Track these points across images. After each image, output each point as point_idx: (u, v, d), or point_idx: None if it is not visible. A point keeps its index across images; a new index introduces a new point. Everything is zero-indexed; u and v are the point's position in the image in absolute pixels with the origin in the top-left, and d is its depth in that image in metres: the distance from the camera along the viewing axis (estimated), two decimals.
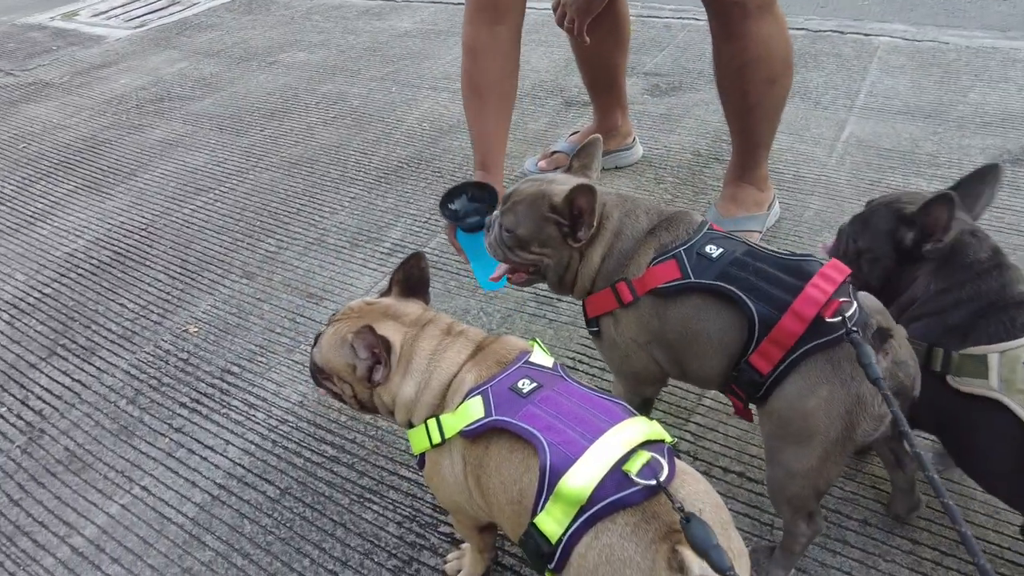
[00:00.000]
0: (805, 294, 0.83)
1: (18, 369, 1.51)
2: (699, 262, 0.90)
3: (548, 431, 0.72)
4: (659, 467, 0.67)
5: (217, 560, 1.09)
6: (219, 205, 2.03)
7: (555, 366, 0.83)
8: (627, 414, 0.75)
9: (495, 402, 0.77)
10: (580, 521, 0.66)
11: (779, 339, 0.84)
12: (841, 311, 0.80)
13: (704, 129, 2.16)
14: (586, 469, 0.67)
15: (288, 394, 1.37)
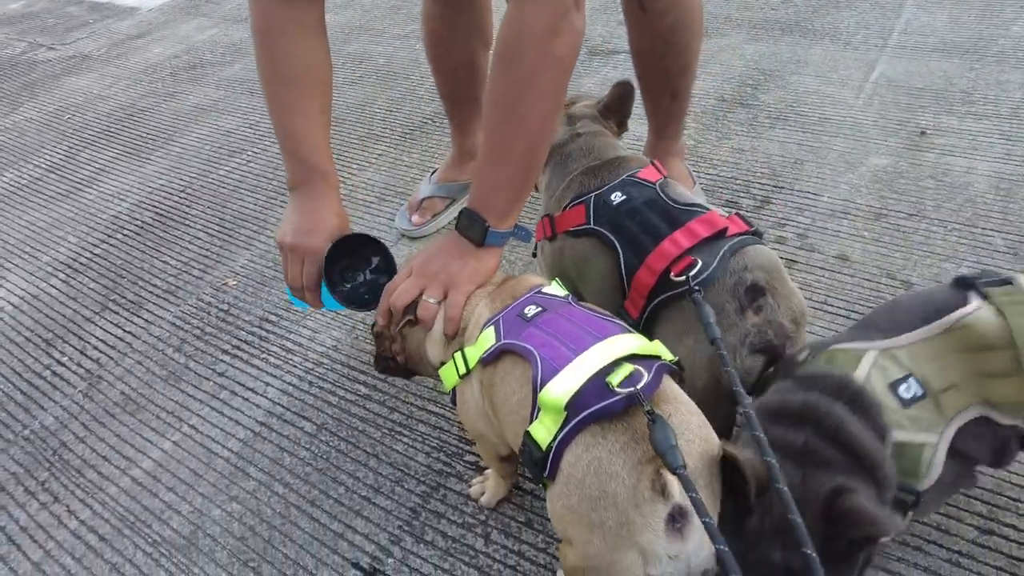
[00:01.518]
0: (659, 248, 0.89)
1: (75, 323, 1.62)
2: (601, 208, 0.97)
3: (542, 347, 0.75)
4: (639, 378, 0.68)
5: (260, 489, 1.17)
6: (252, 165, 2.10)
7: (568, 296, 0.86)
8: (621, 331, 0.76)
9: (504, 328, 0.81)
10: (567, 429, 0.68)
11: (637, 288, 0.90)
12: (687, 269, 0.84)
13: (729, 74, 2.13)
14: (566, 378, 0.69)
15: (323, 339, 1.44)
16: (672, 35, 1.34)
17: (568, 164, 1.09)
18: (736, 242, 0.87)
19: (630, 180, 0.99)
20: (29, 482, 1.27)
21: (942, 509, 0.99)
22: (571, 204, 1.02)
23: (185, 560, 1.09)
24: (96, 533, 1.16)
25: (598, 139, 1.11)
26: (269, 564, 1.06)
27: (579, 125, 1.13)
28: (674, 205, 0.94)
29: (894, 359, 0.73)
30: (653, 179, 0.99)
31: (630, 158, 1.06)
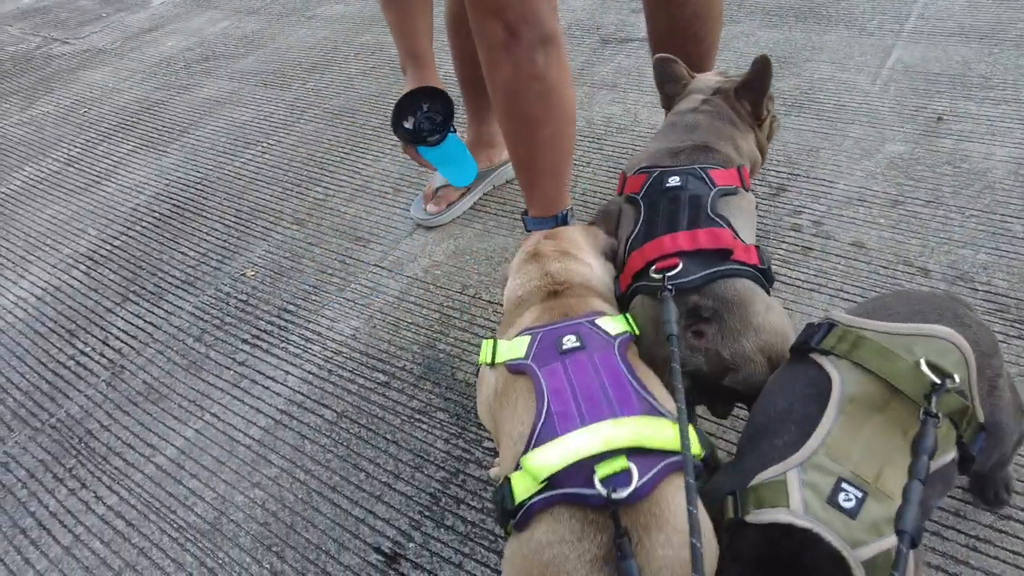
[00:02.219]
0: (658, 240, 0.89)
1: (97, 314, 1.65)
2: (655, 185, 0.98)
3: (556, 396, 0.69)
4: (626, 481, 0.60)
5: (282, 475, 1.20)
6: (267, 157, 2.12)
7: (617, 337, 0.78)
8: (644, 410, 0.68)
9: (537, 349, 0.77)
10: (541, 497, 0.63)
11: (629, 267, 0.92)
12: (668, 268, 0.85)
13: (744, 62, 2.11)
14: (554, 452, 0.64)
15: (341, 328, 1.46)
16: (691, 24, 1.33)
17: (669, 133, 1.08)
18: (728, 269, 0.85)
19: (697, 172, 0.97)
20: (57, 469, 1.30)
21: (958, 495, 1.00)
22: (640, 171, 1.03)
23: (210, 545, 1.11)
24: (123, 518, 1.19)
25: (714, 121, 1.07)
26: (292, 549, 1.08)
27: (711, 100, 1.10)
28: (708, 212, 0.91)
29: (817, 467, 0.64)
30: (718, 182, 0.96)
31: (718, 152, 1.02)
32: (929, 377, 0.66)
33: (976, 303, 1.25)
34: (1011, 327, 1.20)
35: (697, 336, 0.82)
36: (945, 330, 0.71)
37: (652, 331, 0.85)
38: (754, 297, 0.85)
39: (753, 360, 0.81)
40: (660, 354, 0.82)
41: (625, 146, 1.83)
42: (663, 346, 0.79)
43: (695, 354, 0.82)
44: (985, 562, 0.92)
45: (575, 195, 1.70)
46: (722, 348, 0.82)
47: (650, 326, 0.85)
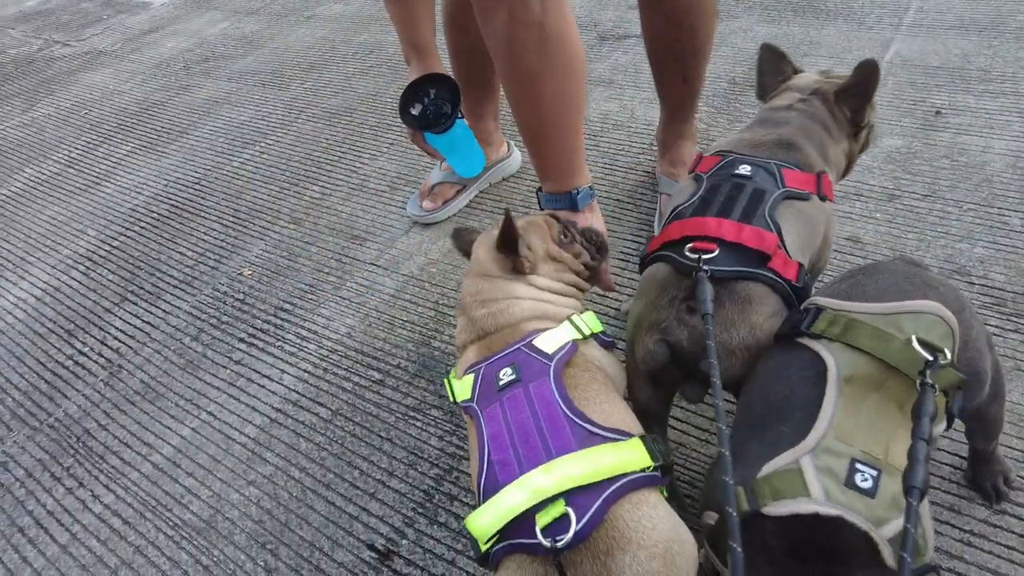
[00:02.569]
0: (703, 219, 0.87)
1: (95, 314, 1.65)
2: (724, 168, 0.96)
3: (494, 441, 0.70)
4: (565, 528, 0.60)
5: (277, 473, 1.20)
6: (265, 157, 2.12)
7: (554, 355, 0.78)
8: (580, 441, 0.67)
9: (480, 387, 0.78)
10: (499, 547, 0.65)
11: (665, 233, 0.90)
12: (704, 250, 0.82)
13: (741, 57, 2.11)
14: (488, 515, 0.65)
15: (337, 327, 1.46)
16: (684, 16, 1.33)
17: (757, 127, 1.04)
18: (758, 273, 0.82)
19: (771, 167, 0.93)
20: (55, 468, 1.30)
21: (953, 489, 0.99)
22: (716, 153, 1.01)
23: (205, 543, 1.12)
24: (120, 517, 1.19)
25: (806, 121, 1.02)
26: (286, 546, 1.09)
27: (808, 100, 1.04)
28: (764, 211, 0.87)
29: (829, 451, 0.64)
30: (789, 183, 0.92)
31: (800, 153, 0.97)
32: (922, 355, 0.67)
33: (973, 297, 1.25)
34: (1007, 320, 1.20)
35: (690, 312, 0.82)
36: (930, 304, 0.72)
37: (654, 295, 0.85)
38: (765, 300, 0.82)
39: (735, 354, 0.80)
40: (650, 318, 0.83)
41: (621, 143, 1.83)
42: (656, 311, 0.82)
43: (681, 327, 0.81)
44: (980, 557, 0.91)
45: None
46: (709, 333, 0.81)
47: (655, 291, 0.85)
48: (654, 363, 0.83)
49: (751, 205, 0.88)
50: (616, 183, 1.69)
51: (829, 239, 0.99)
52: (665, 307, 0.82)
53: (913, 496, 0.56)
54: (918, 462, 0.57)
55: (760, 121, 1.06)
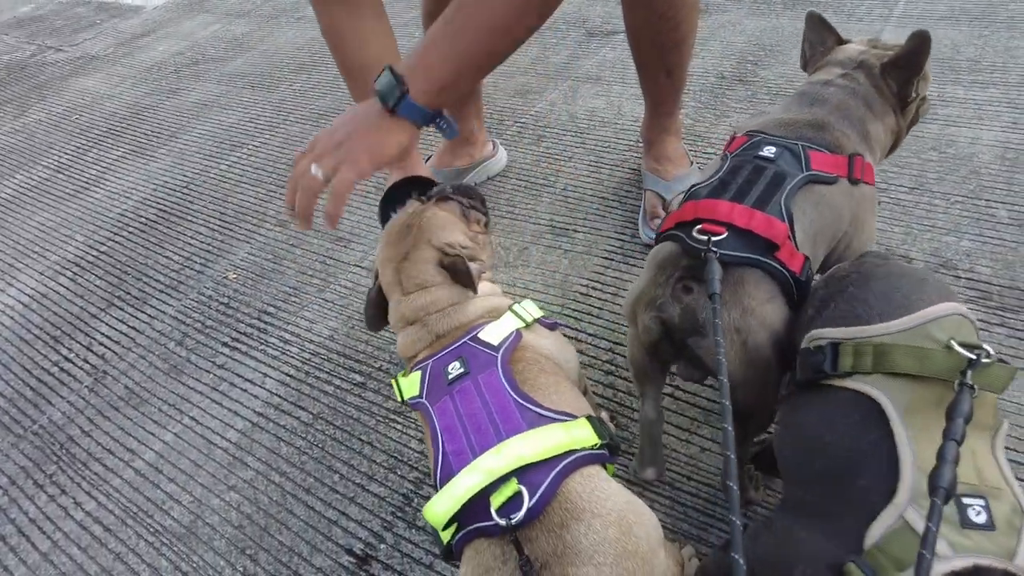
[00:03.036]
0: (716, 201, 0.86)
1: (82, 320, 1.65)
2: (748, 149, 0.93)
3: (447, 433, 0.71)
4: (518, 506, 0.62)
5: (258, 478, 1.19)
6: (253, 159, 2.11)
7: (500, 345, 0.78)
8: (529, 422, 0.68)
9: (428, 384, 0.78)
10: (459, 537, 0.66)
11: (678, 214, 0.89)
12: (708, 232, 0.82)
13: (729, 51, 2.09)
14: (443, 501, 0.65)
15: (320, 330, 1.46)
16: (666, 8, 1.31)
17: (792, 104, 1.00)
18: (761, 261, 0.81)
19: (796, 149, 0.90)
20: (38, 475, 1.30)
21: None
22: (747, 133, 0.98)
23: (185, 549, 1.11)
24: (101, 524, 1.19)
25: (846, 98, 0.97)
26: (265, 551, 1.08)
27: (851, 75, 1.00)
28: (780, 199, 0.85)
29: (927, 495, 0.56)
30: (814, 165, 0.88)
31: (832, 133, 0.93)
32: (965, 355, 0.63)
33: (959, 290, 1.23)
34: (993, 314, 1.18)
35: (684, 291, 0.82)
36: (950, 305, 0.69)
37: (654, 273, 0.86)
38: (760, 284, 0.81)
39: (724, 335, 0.78)
40: (649, 294, 0.85)
41: (608, 139, 1.82)
42: (655, 288, 0.84)
43: (673, 304, 0.82)
44: None
45: (556, 189, 1.68)
46: (700, 310, 0.80)
47: (655, 268, 0.86)
48: (649, 338, 0.85)
49: (768, 190, 0.86)
50: (602, 180, 1.68)
51: (864, 224, 0.95)
52: (663, 284, 0.83)
53: (939, 496, 0.53)
54: (946, 463, 0.54)
55: (799, 96, 1.02)
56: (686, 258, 0.84)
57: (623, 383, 1.21)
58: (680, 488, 1.04)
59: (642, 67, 1.44)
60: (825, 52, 1.09)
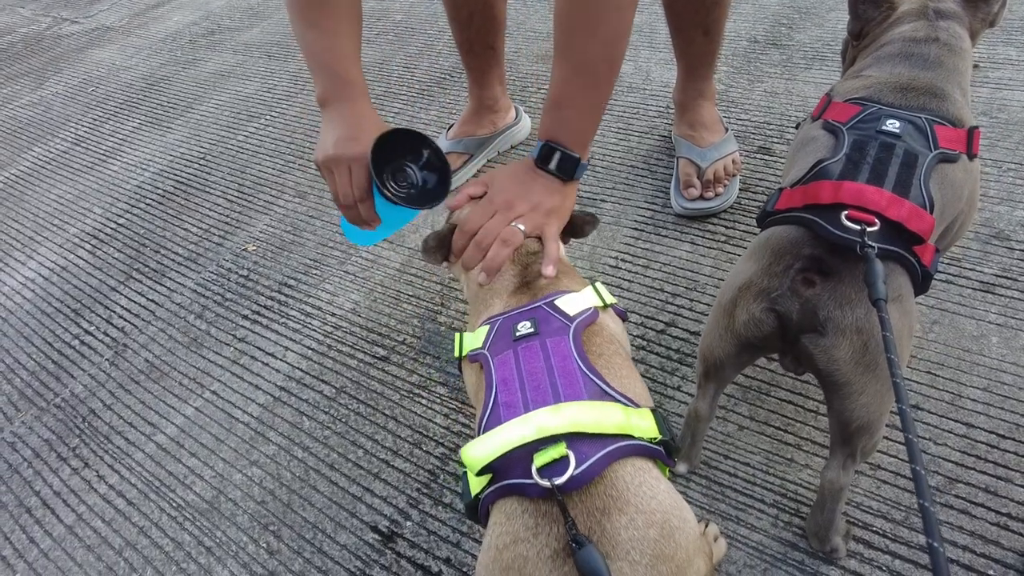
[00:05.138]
0: (858, 187, 0.75)
1: (101, 292, 1.64)
2: (867, 122, 0.84)
3: (504, 385, 0.67)
4: (563, 469, 0.58)
5: (280, 453, 1.17)
6: (270, 130, 2.07)
7: (576, 318, 0.74)
8: (591, 394, 0.64)
9: (494, 337, 0.74)
10: (490, 490, 0.62)
11: (803, 194, 0.79)
12: (865, 223, 0.72)
13: (762, 14, 2.00)
14: (486, 444, 0.62)
15: (341, 302, 1.42)
16: None
17: (897, 63, 0.91)
18: (899, 254, 0.73)
19: (921, 123, 0.82)
20: (61, 448, 1.29)
21: (989, 469, 0.93)
22: (851, 100, 0.90)
23: (208, 524, 1.10)
24: (124, 497, 1.18)
25: (954, 59, 0.90)
26: (288, 528, 1.06)
27: (940, 27, 0.93)
28: (920, 182, 0.77)
29: None
30: (942, 143, 0.81)
31: (952, 103, 0.86)
32: None
33: (1012, 263, 1.16)
34: None
35: (806, 284, 0.74)
36: None
37: (767, 260, 0.77)
38: (891, 281, 0.73)
39: (844, 335, 0.72)
40: (760, 284, 0.76)
41: (636, 105, 1.75)
42: (768, 278, 0.76)
43: (792, 298, 0.74)
44: (1018, 542, 0.85)
45: None
46: (821, 307, 0.72)
47: (768, 255, 0.78)
48: (756, 331, 0.77)
49: (904, 172, 0.78)
50: (631, 148, 1.62)
51: (974, 201, 0.89)
52: (779, 275, 0.75)
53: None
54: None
55: (902, 57, 0.92)
56: (810, 246, 0.74)
57: (655, 359, 1.16)
58: (717, 467, 1.00)
59: (678, 26, 1.37)
60: (891, 7, 0.99)
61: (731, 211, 1.39)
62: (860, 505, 0.92)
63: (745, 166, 1.48)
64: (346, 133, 0.96)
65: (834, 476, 0.80)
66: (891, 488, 0.93)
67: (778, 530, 0.92)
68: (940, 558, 0.47)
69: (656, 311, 1.24)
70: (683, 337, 1.18)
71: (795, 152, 0.92)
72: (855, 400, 0.73)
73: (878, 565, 0.87)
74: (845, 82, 0.95)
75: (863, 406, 0.74)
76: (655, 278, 1.30)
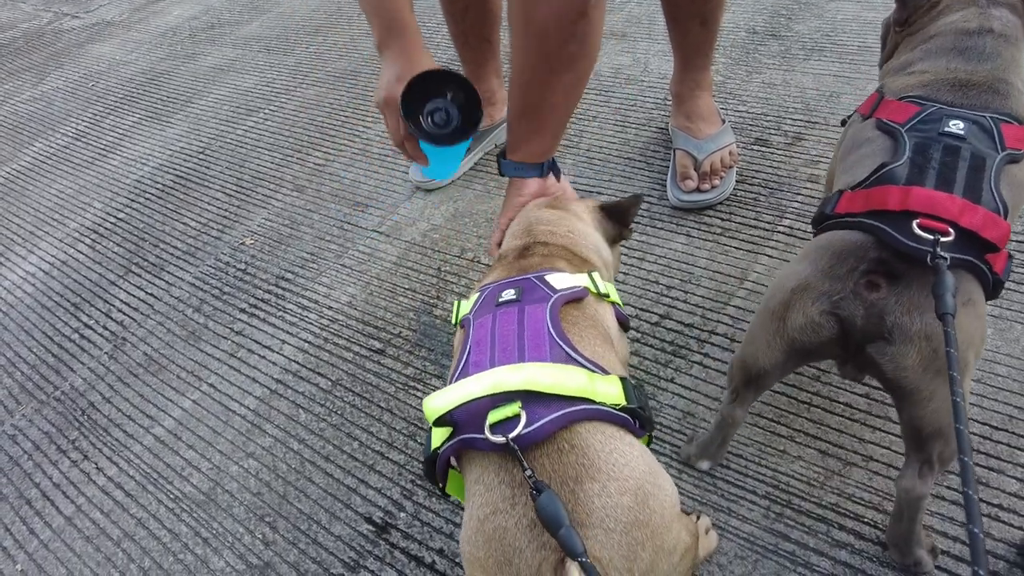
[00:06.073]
0: (928, 193, 0.71)
1: (101, 286, 1.65)
2: (928, 123, 0.80)
3: (476, 346, 0.69)
4: (513, 426, 0.59)
5: (276, 445, 1.18)
6: (269, 124, 2.07)
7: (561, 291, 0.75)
8: (556, 357, 0.65)
9: (481, 303, 0.77)
10: (448, 444, 0.63)
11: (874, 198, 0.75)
12: (938, 232, 0.68)
13: (761, 4, 1.99)
14: (444, 396, 0.63)
15: (338, 296, 1.43)
16: None
17: (953, 58, 0.87)
18: (971, 263, 0.70)
19: (986, 123, 0.78)
20: (61, 441, 1.30)
21: (981, 460, 0.93)
22: (907, 99, 0.85)
23: (205, 515, 1.11)
24: (122, 489, 1.19)
25: (1007, 49, 0.86)
26: (284, 519, 1.07)
27: (993, 15, 0.89)
28: (992, 186, 0.74)
29: None
30: (1009, 143, 0.77)
31: (1019, 97, 0.83)
32: None
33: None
34: None
35: (870, 287, 0.71)
36: None
37: (826, 263, 0.74)
38: (961, 287, 0.70)
39: (913, 343, 0.69)
40: (820, 287, 0.73)
41: (634, 97, 1.74)
42: (829, 280, 0.72)
43: (856, 302, 0.71)
44: (1008, 533, 0.85)
45: (580, 150, 1.62)
46: (888, 313, 0.69)
47: (827, 258, 0.74)
48: (813, 336, 0.74)
49: (973, 177, 0.74)
50: (628, 140, 1.62)
51: None
52: (842, 277, 0.72)
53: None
54: None
55: (956, 51, 0.88)
56: (876, 250, 0.71)
57: (649, 351, 1.16)
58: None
59: (675, 17, 1.36)
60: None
61: (727, 203, 1.39)
62: (852, 496, 0.92)
63: (742, 158, 1.47)
64: (397, 75, 1.04)
65: (910, 485, 0.76)
66: (883, 480, 0.93)
67: (770, 521, 0.92)
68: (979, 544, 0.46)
69: (651, 303, 1.24)
70: (677, 329, 1.18)
71: (847, 152, 0.88)
72: (925, 406, 0.70)
73: (868, 556, 0.87)
74: (897, 78, 0.91)
75: (933, 411, 0.71)
76: (650, 270, 1.29)
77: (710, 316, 1.19)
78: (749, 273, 1.24)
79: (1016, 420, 0.96)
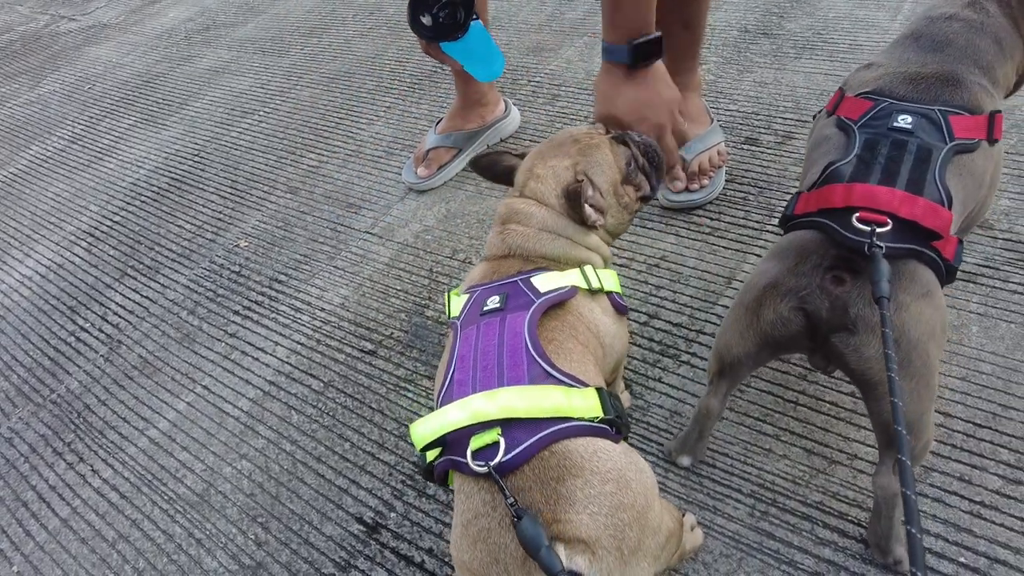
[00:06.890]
0: (869, 188, 0.75)
1: (97, 289, 1.66)
2: (878, 118, 0.83)
3: (460, 361, 0.71)
4: (493, 454, 0.61)
5: (269, 447, 1.19)
6: (263, 126, 2.08)
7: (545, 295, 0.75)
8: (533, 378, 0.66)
9: (468, 308, 0.77)
10: (439, 461, 0.66)
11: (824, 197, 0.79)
12: (875, 223, 0.72)
13: (753, 3, 1.99)
14: (429, 424, 0.66)
15: (331, 297, 1.44)
16: None
17: (909, 48, 0.89)
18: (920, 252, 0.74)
19: (934, 116, 0.81)
20: (57, 443, 1.32)
21: (964, 458, 0.93)
22: (863, 95, 0.88)
23: (198, 516, 1.12)
24: (117, 491, 1.20)
25: (973, 37, 0.87)
26: (276, 520, 1.08)
27: (978, 5, 0.89)
28: (935, 177, 0.77)
29: None
30: (958, 134, 0.80)
31: (969, 89, 0.83)
32: None
33: (996, 252, 1.17)
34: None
35: (836, 282, 0.75)
36: None
37: (793, 261, 0.78)
38: (916, 277, 0.74)
39: (874, 332, 0.72)
40: (788, 283, 0.77)
41: None
42: (796, 277, 0.76)
43: (822, 296, 0.75)
44: (990, 530, 0.86)
45: None
46: (852, 305, 0.73)
47: (794, 256, 0.78)
48: (783, 330, 0.77)
49: (918, 169, 0.77)
50: None
51: (995, 184, 0.88)
52: (807, 274, 0.75)
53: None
54: None
55: (913, 38, 0.90)
56: (835, 247, 0.76)
57: (637, 350, 1.17)
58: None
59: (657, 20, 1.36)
60: None
61: (716, 203, 1.39)
62: (837, 495, 0.93)
63: (732, 157, 1.48)
64: None
65: (885, 482, 0.77)
66: (867, 478, 0.94)
67: (755, 520, 0.93)
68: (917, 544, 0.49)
69: (639, 303, 1.24)
70: (665, 329, 1.19)
71: (810, 151, 0.91)
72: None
73: (852, 554, 0.88)
74: (857, 73, 0.93)
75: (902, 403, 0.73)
76: (639, 270, 1.30)
77: (698, 316, 1.20)
78: (737, 273, 1.25)
79: (1000, 418, 0.96)
